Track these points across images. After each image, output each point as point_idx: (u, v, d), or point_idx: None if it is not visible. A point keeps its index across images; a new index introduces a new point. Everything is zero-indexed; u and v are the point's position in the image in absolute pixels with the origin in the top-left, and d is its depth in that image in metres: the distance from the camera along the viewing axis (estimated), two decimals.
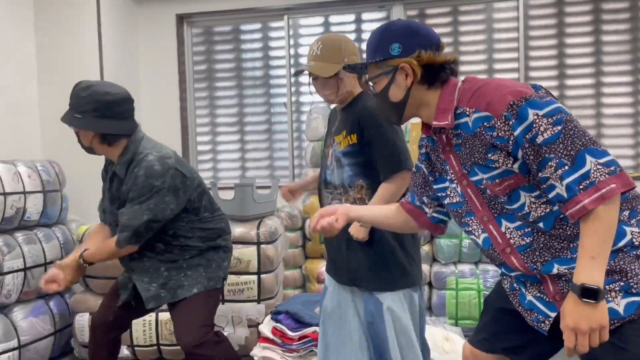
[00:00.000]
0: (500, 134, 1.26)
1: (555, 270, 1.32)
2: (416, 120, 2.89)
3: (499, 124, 1.26)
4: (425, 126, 1.49)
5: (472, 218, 1.44)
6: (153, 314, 2.98)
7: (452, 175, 1.43)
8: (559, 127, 1.19)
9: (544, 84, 3.87)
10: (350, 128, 1.89)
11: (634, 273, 1.25)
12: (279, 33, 4.26)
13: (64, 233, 3.22)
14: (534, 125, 1.21)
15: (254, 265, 2.93)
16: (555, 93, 3.88)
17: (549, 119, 1.20)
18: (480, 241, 1.44)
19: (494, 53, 3.95)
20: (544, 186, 1.24)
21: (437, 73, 1.40)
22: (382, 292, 1.86)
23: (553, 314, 1.36)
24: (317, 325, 2.67)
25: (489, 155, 1.31)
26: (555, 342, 1.38)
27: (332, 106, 2.17)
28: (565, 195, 1.19)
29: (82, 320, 3.01)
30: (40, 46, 3.80)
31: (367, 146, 1.86)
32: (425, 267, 3.41)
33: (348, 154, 1.90)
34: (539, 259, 1.34)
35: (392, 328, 1.84)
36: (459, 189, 1.43)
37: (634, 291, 1.24)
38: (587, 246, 1.16)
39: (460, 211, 1.46)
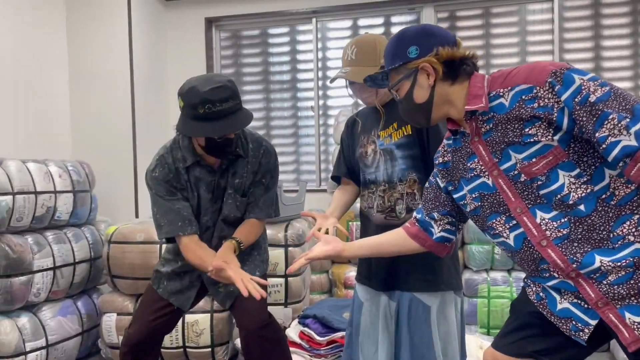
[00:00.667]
0: (542, 103, 1.25)
1: (597, 263, 1.25)
2: None
3: (541, 92, 1.25)
4: (451, 123, 1.45)
5: (497, 219, 1.39)
6: None
7: (482, 167, 1.39)
8: (607, 88, 1.20)
9: None
10: (404, 120, 1.81)
11: None
12: (306, 36, 4.24)
13: (92, 233, 3.24)
14: (583, 88, 1.20)
15: (282, 268, 2.89)
16: None
17: (595, 82, 1.21)
18: (510, 241, 1.38)
19: (527, 56, 3.86)
20: (604, 146, 1.19)
21: (458, 67, 1.40)
22: (429, 294, 1.79)
23: (594, 322, 1.29)
24: (345, 330, 2.61)
25: (527, 129, 1.29)
26: (589, 347, 1.35)
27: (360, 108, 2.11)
28: (635, 143, 1.15)
29: (110, 321, 3.00)
30: (72, 49, 3.85)
31: (422, 138, 1.80)
32: None
33: (402, 145, 1.83)
34: (579, 250, 1.27)
35: (437, 331, 1.76)
36: (490, 182, 1.38)
37: None
38: None
39: (482, 215, 1.42)
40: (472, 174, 1.41)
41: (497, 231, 1.40)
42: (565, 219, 1.28)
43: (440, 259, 1.75)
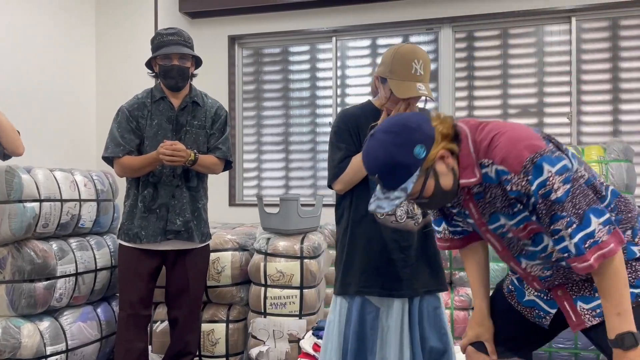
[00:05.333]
0: (516, 188, 1.31)
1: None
2: None
3: (515, 179, 1.30)
4: None
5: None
6: None
7: (472, 221, 1.50)
8: (568, 186, 1.28)
9: (597, 109, 3.79)
10: None
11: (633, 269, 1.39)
12: (326, 55, 4.34)
13: (114, 242, 3.32)
14: (548, 183, 1.27)
15: (297, 279, 2.93)
16: (609, 119, 3.78)
17: (560, 177, 1.28)
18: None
19: (544, 77, 3.89)
20: (555, 237, 1.31)
21: (456, 135, 1.39)
22: (440, 292, 2.03)
23: (553, 311, 1.52)
24: None
25: (512, 202, 1.37)
26: (550, 332, 1.58)
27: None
28: (573, 251, 1.28)
29: None
30: (99, 65, 4.00)
31: None
32: (465, 289, 3.33)
33: None
34: (560, 284, 1.48)
35: (447, 319, 2.02)
36: (479, 231, 1.52)
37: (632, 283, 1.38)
38: (609, 306, 1.29)
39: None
40: (468, 220, 1.52)
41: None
42: (548, 265, 1.44)
43: (439, 262, 2.01)
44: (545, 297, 1.54)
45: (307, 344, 2.78)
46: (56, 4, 3.70)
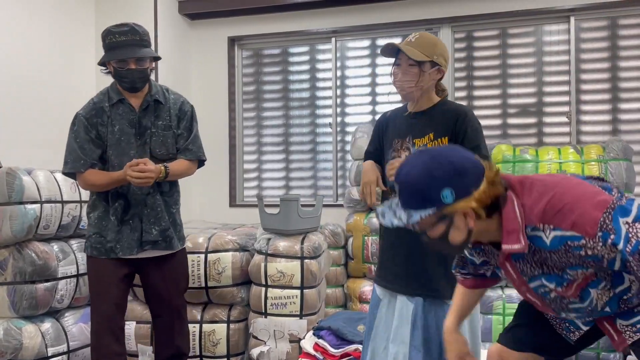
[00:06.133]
0: (591, 253, 1.23)
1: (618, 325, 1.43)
2: None
3: (591, 243, 1.22)
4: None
5: None
6: (197, 325, 3.02)
7: (509, 281, 1.46)
8: None
9: (597, 108, 3.79)
10: (442, 130, 1.92)
11: None
12: (326, 55, 4.35)
13: None
14: (631, 235, 1.20)
15: (297, 279, 2.94)
16: (608, 118, 3.79)
17: (638, 223, 1.22)
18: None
19: (543, 76, 3.90)
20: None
21: (497, 202, 1.31)
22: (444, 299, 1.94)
23: (585, 328, 1.50)
24: (359, 343, 2.64)
25: (569, 270, 1.30)
26: (579, 345, 1.57)
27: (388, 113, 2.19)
28: None
29: (129, 329, 3.07)
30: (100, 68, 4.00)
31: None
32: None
33: None
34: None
35: (467, 329, 1.94)
36: (517, 292, 1.49)
37: None
38: None
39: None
40: (503, 279, 1.49)
41: None
42: (589, 315, 1.42)
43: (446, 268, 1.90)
44: None
45: (307, 344, 2.79)
46: (56, 6, 3.71)
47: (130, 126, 2.38)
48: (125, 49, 2.28)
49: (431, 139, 1.92)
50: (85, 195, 3.10)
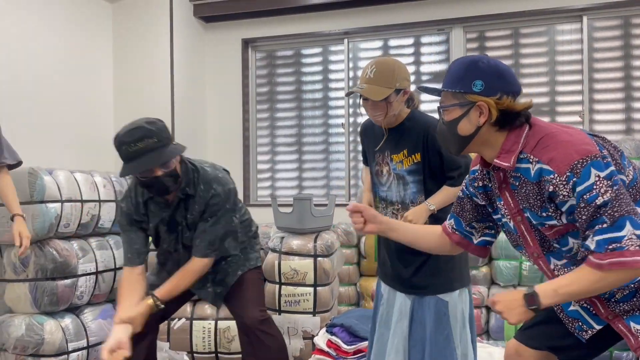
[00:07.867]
0: (556, 190, 1.30)
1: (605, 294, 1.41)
2: None
3: (557, 180, 1.29)
4: (484, 161, 1.51)
5: (520, 251, 1.54)
6: (212, 322, 3.07)
7: (506, 211, 1.48)
8: (612, 193, 1.25)
9: (610, 107, 3.79)
10: (413, 147, 1.99)
11: None
12: (338, 56, 4.39)
13: None
14: (595, 187, 1.25)
15: (311, 277, 2.98)
16: (621, 117, 3.78)
17: (608, 181, 1.25)
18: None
19: (556, 76, 3.90)
20: (586, 239, 1.29)
21: (512, 119, 1.40)
22: (445, 294, 1.98)
23: (599, 327, 1.47)
24: None
25: (545, 204, 1.36)
26: (594, 349, 1.56)
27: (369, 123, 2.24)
28: (592, 247, 1.26)
29: None
30: (116, 68, 4.11)
31: (427, 165, 1.98)
32: (483, 290, 3.35)
33: (413, 172, 2.01)
34: (604, 305, 1.44)
35: (455, 321, 1.96)
36: (511, 225, 1.48)
37: None
38: (564, 283, 1.29)
39: (515, 237, 1.53)
40: (499, 214, 1.52)
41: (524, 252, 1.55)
42: (574, 267, 1.40)
43: (452, 260, 1.95)
44: (591, 310, 1.49)
45: (321, 340, 2.83)
46: (75, 10, 3.80)
47: (163, 224, 2.25)
48: (145, 156, 2.00)
49: (406, 155, 2.00)
50: (104, 195, 3.18)
